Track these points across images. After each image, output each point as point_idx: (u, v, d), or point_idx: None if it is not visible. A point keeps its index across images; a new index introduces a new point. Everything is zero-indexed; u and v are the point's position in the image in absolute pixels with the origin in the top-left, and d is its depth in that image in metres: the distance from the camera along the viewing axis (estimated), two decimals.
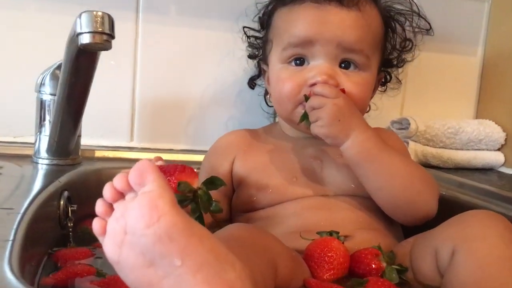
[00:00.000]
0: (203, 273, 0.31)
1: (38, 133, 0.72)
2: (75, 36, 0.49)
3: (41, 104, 0.71)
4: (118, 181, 0.34)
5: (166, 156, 0.84)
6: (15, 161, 0.72)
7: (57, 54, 0.71)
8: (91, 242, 0.60)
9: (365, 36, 0.65)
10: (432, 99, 1.05)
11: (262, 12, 0.76)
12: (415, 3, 0.75)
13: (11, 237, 0.42)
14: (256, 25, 0.79)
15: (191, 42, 0.90)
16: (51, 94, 0.71)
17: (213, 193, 0.68)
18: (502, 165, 0.99)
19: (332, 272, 0.53)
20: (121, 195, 0.35)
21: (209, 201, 0.50)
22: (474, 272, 0.46)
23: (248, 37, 0.80)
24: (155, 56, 0.89)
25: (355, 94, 0.64)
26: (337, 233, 0.57)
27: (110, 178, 0.74)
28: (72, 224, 0.63)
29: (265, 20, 0.74)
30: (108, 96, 0.85)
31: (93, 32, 0.47)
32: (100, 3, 0.84)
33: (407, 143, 0.95)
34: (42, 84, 0.71)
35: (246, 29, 0.80)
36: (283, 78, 0.66)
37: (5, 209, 0.48)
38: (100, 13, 0.48)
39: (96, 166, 0.75)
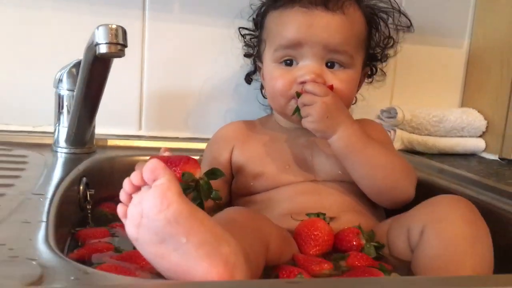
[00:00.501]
0: (204, 248, 0.38)
1: (57, 125, 0.79)
2: (93, 45, 0.57)
3: (59, 99, 0.79)
4: (135, 177, 0.41)
5: (172, 144, 0.93)
6: (37, 150, 0.79)
7: (72, 51, 0.78)
8: (107, 223, 0.67)
9: (348, 38, 0.70)
10: (420, 89, 1.11)
11: (255, 13, 0.82)
12: (395, 1, 0.80)
13: (45, 219, 0.49)
14: (251, 25, 0.85)
15: (194, 38, 0.96)
16: (68, 90, 0.78)
17: (215, 180, 0.77)
18: (483, 150, 1.06)
19: (317, 248, 0.60)
20: (138, 188, 0.42)
21: (209, 190, 0.58)
22: (439, 248, 0.53)
23: (243, 36, 0.85)
24: (161, 52, 0.95)
25: (340, 90, 0.70)
26: (324, 214, 0.64)
27: (122, 165, 0.83)
28: (90, 207, 0.71)
29: (259, 21, 0.80)
30: (118, 89, 0.92)
31: (109, 43, 0.55)
32: (110, 2, 0.92)
33: (395, 131, 1.02)
34: (60, 81, 0.78)
35: (241, 30, 0.86)
36: (276, 76, 0.72)
37: (37, 194, 0.56)
38: (114, 26, 0.55)
39: (109, 154, 0.83)
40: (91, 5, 0.91)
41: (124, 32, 0.56)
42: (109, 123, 0.94)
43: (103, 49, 0.55)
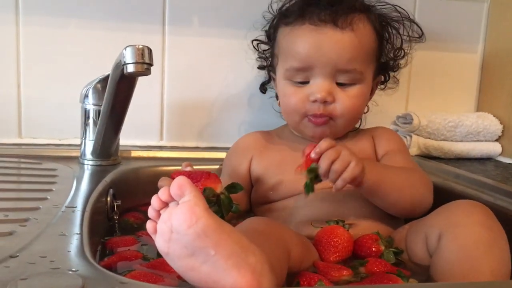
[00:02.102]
0: (232, 259, 0.41)
1: (83, 138, 0.83)
2: (120, 64, 0.60)
3: (85, 113, 0.82)
4: (162, 194, 0.44)
5: (192, 154, 0.96)
6: (65, 162, 0.83)
7: (97, 67, 0.82)
8: (133, 231, 0.70)
9: (358, 55, 0.72)
10: (435, 94, 1.12)
11: (268, 25, 0.83)
12: (406, 11, 0.82)
13: (79, 231, 0.52)
14: (264, 36, 0.87)
15: (212, 51, 0.99)
16: (93, 104, 0.81)
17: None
18: (500, 154, 1.07)
19: (337, 254, 0.62)
20: (165, 204, 0.44)
21: (230, 204, 0.61)
22: (457, 253, 0.54)
23: (257, 49, 0.88)
24: (180, 64, 0.99)
25: (350, 105, 0.73)
26: (343, 221, 0.66)
27: (145, 175, 0.86)
28: (117, 217, 0.74)
29: (271, 33, 0.82)
30: (140, 101, 0.93)
31: (136, 63, 0.58)
32: (131, 19, 0.95)
33: (411, 136, 1.03)
34: (86, 96, 0.81)
35: (255, 42, 0.88)
36: (288, 94, 0.75)
37: (70, 207, 0.59)
38: (141, 47, 0.58)
39: (133, 165, 0.86)
40: (114, 22, 0.94)
41: (150, 52, 0.59)
42: (132, 134, 0.97)
43: (130, 68, 0.58)
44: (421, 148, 1.03)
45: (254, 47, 0.89)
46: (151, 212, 0.45)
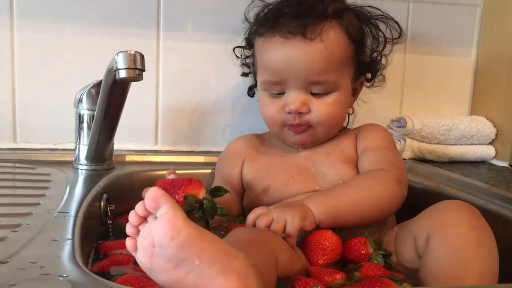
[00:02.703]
0: (216, 266, 0.40)
1: (77, 143, 0.83)
2: (113, 70, 0.60)
3: (79, 118, 0.82)
4: (139, 209, 0.43)
5: (187, 158, 0.96)
6: (59, 167, 0.83)
7: (91, 72, 0.83)
8: (126, 234, 0.71)
9: (328, 66, 0.71)
10: (429, 98, 1.12)
11: (247, 32, 0.82)
12: (380, 9, 0.79)
13: (70, 236, 0.52)
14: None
15: (206, 55, 0.99)
16: (87, 109, 0.81)
17: (228, 195, 0.80)
18: (493, 158, 1.08)
19: (325, 257, 0.62)
20: (143, 219, 0.43)
21: (213, 208, 0.61)
22: (445, 253, 0.55)
23: (238, 56, 0.87)
24: (175, 69, 0.99)
25: (326, 114, 0.73)
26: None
27: (140, 180, 0.87)
28: (111, 221, 0.74)
29: (250, 41, 0.81)
30: (135, 106, 0.95)
31: (128, 68, 0.58)
32: (126, 24, 0.96)
33: (405, 140, 1.04)
34: (80, 101, 0.81)
35: (236, 50, 0.87)
36: (266, 105, 0.76)
37: (62, 212, 0.59)
38: (133, 52, 0.59)
39: (127, 170, 0.86)
40: (108, 27, 0.95)
41: (142, 58, 0.60)
42: (127, 138, 0.98)
43: (122, 74, 0.59)
44: (415, 152, 1.03)
45: (235, 54, 0.88)
46: (129, 229, 0.44)
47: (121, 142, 0.95)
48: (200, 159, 0.96)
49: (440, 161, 1.05)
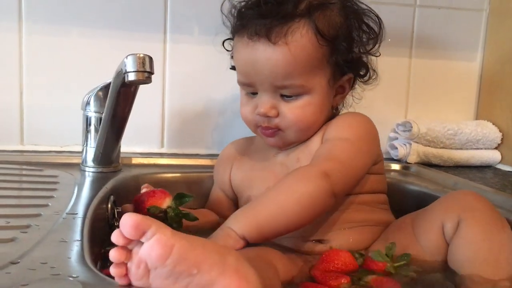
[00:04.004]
0: (214, 269, 0.40)
1: (84, 145, 0.83)
2: (122, 72, 0.60)
3: (87, 121, 0.83)
4: (120, 241, 0.40)
5: (193, 161, 0.96)
6: (66, 169, 0.83)
7: (99, 75, 0.83)
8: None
9: (293, 70, 0.66)
10: (434, 102, 1.13)
11: (231, 28, 0.75)
12: (368, 6, 0.74)
13: (79, 238, 0.53)
14: None
15: (212, 58, 0.99)
16: (95, 112, 0.82)
17: (219, 198, 0.82)
18: (499, 162, 1.08)
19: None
20: (127, 249, 0.41)
21: (177, 216, 0.62)
22: (478, 234, 0.58)
23: (228, 50, 0.81)
24: (181, 72, 1.00)
25: (294, 119, 0.69)
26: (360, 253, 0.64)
27: (146, 182, 0.87)
28: (118, 224, 0.74)
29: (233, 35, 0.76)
30: (142, 109, 0.93)
31: (137, 71, 0.58)
32: (133, 27, 0.96)
33: (410, 144, 1.04)
34: (87, 103, 0.82)
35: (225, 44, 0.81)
36: (243, 104, 0.74)
37: (71, 214, 0.60)
38: (142, 55, 0.59)
39: (134, 172, 0.86)
40: (115, 30, 0.96)
41: (151, 60, 0.60)
42: (133, 141, 0.98)
43: (131, 76, 0.59)
44: (420, 156, 1.03)
45: (224, 48, 0.82)
46: (116, 271, 0.41)
47: (127, 145, 0.96)
48: (206, 162, 0.96)
49: (446, 165, 1.05)
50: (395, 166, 1.03)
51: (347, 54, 0.71)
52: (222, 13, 0.75)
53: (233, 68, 0.80)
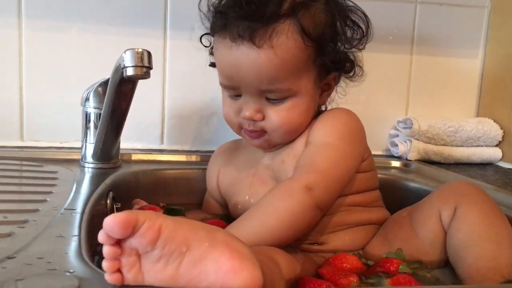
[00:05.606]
0: (204, 243, 0.40)
1: (84, 141, 0.83)
2: (120, 67, 0.60)
3: (86, 116, 0.82)
4: (113, 234, 0.38)
5: (193, 158, 0.96)
6: (65, 165, 0.83)
7: (98, 71, 0.83)
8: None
9: (279, 74, 0.64)
10: (435, 99, 1.12)
11: (211, 23, 0.72)
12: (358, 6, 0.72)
13: (77, 233, 0.53)
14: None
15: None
16: (94, 108, 0.82)
17: (211, 204, 0.82)
18: (500, 159, 1.07)
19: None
20: (119, 246, 0.40)
21: None
22: (477, 217, 0.58)
23: (206, 46, 0.78)
24: (181, 68, 0.99)
25: (280, 122, 0.67)
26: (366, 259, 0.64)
27: (145, 179, 0.87)
28: None
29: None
30: (142, 105, 0.93)
31: (135, 66, 0.58)
32: (133, 24, 0.96)
33: (411, 141, 1.04)
34: (87, 99, 0.82)
35: (203, 40, 0.78)
36: (226, 105, 0.72)
37: (69, 209, 0.60)
38: (140, 50, 0.59)
39: (133, 168, 0.86)
40: (115, 26, 0.95)
41: (149, 55, 0.60)
42: (133, 137, 0.98)
43: (130, 71, 0.59)
44: (421, 153, 1.03)
45: (202, 44, 0.77)
46: (109, 266, 0.40)
47: (127, 141, 0.96)
48: (206, 158, 0.95)
49: (447, 162, 1.04)
50: (396, 163, 1.03)
51: (334, 55, 0.69)
52: (200, 10, 0.72)
53: (212, 65, 0.78)
